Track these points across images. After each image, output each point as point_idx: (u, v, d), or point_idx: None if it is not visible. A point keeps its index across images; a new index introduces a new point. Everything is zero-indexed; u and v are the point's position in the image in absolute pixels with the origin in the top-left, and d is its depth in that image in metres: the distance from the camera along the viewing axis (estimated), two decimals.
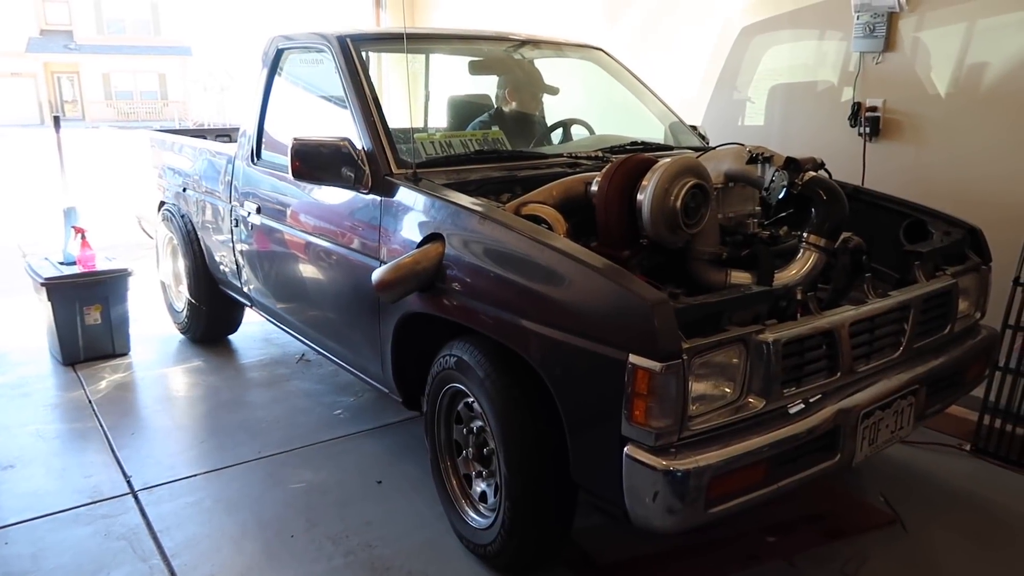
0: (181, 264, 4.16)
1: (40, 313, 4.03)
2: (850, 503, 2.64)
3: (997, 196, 3.04)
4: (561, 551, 2.24)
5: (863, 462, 2.09)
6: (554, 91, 3.47)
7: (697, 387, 1.72)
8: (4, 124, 29.33)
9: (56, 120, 4.49)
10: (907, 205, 2.68)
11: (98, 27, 34.82)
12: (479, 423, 2.23)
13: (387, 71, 4.71)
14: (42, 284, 3.79)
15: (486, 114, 3.34)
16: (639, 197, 2.03)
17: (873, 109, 3.42)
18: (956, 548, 2.42)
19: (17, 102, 33.03)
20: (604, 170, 2.18)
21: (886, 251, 2.48)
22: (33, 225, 8.01)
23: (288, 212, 3.01)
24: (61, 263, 4.01)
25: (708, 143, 3.30)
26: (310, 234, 2.86)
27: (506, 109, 3.32)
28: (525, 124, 3.30)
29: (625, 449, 1.71)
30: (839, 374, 1.98)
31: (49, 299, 3.80)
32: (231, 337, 4.37)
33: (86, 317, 3.90)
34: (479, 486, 2.31)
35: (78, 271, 3.89)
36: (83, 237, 3.96)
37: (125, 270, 3.99)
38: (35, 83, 34.00)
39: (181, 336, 4.36)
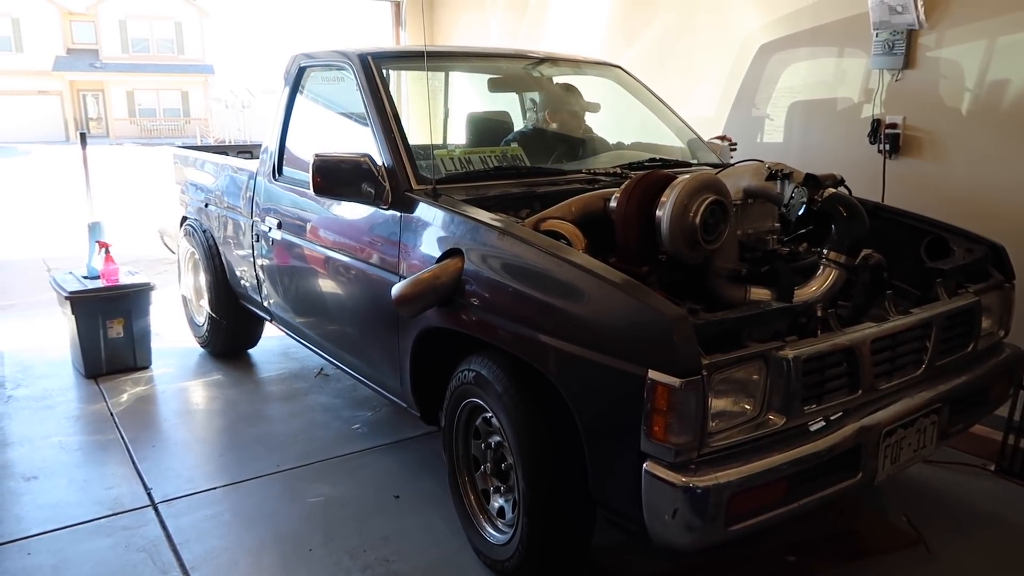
0: (202, 279, 4.21)
1: (64, 326, 4.09)
2: (873, 523, 2.61)
3: (1020, 213, 3.01)
4: (579, 568, 2.23)
5: (885, 481, 2.07)
6: (595, 108, 3.43)
7: (717, 403, 1.71)
8: (31, 141, 29.92)
9: (83, 137, 4.59)
10: (928, 222, 2.66)
11: (123, 46, 35.50)
12: (497, 438, 2.23)
13: (407, 88, 4.76)
14: (66, 298, 3.84)
15: (529, 125, 3.31)
16: (658, 213, 2.04)
17: (893, 126, 3.40)
18: (981, 570, 2.38)
19: (43, 119, 33.66)
20: (623, 186, 2.18)
21: (907, 268, 2.46)
22: (58, 239, 8.16)
23: (308, 227, 3.05)
24: (85, 277, 4.07)
25: (733, 157, 3.29)
26: (330, 249, 2.89)
27: (548, 129, 3.27)
28: (562, 143, 3.23)
29: (644, 465, 1.71)
30: (860, 392, 1.97)
31: (73, 312, 3.86)
32: (250, 351, 4.41)
33: (109, 331, 3.95)
34: (497, 501, 2.31)
35: (101, 285, 3.95)
36: (107, 252, 4.02)
37: (147, 284, 4.04)
38: (61, 101, 34.66)
39: (201, 350, 4.40)
